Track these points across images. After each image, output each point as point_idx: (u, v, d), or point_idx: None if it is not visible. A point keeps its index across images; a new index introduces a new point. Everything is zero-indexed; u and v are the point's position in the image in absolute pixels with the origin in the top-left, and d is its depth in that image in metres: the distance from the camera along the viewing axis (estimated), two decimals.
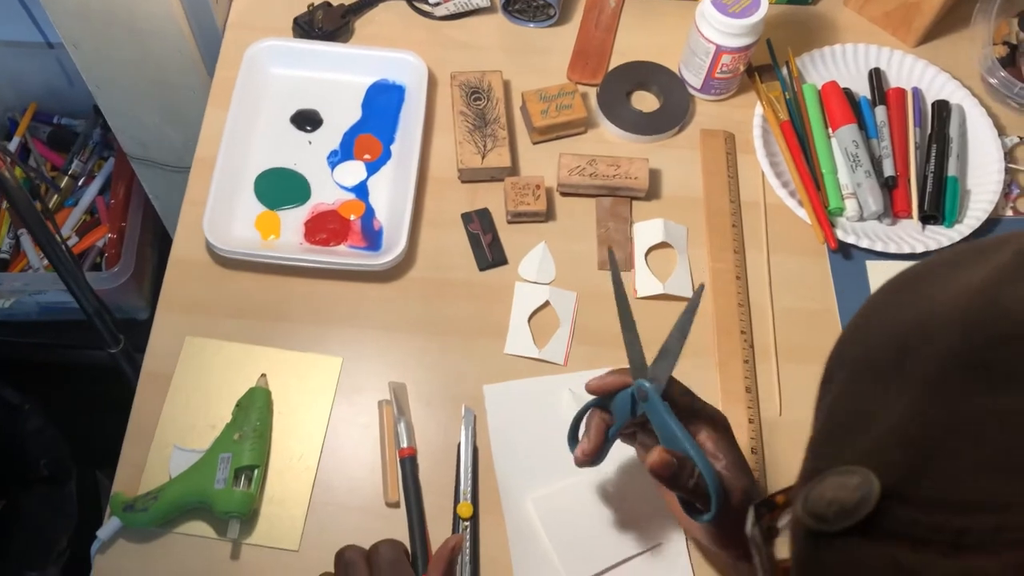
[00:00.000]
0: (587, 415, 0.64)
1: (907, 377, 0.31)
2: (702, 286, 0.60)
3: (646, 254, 0.82)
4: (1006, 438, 0.28)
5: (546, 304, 0.80)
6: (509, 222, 0.83)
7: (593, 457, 0.63)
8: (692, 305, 0.59)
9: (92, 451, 1.24)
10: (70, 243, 1.35)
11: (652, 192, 0.85)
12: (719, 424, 0.61)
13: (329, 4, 0.90)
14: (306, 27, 0.89)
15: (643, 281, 0.81)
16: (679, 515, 0.64)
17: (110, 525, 0.67)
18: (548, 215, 0.84)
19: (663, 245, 0.83)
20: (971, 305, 0.31)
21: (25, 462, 1.24)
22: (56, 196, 1.37)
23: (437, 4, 0.91)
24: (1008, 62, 0.92)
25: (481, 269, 0.81)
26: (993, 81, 0.90)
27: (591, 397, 0.63)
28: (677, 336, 0.59)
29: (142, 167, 1.10)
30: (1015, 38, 0.92)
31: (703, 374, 0.77)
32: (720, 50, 0.84)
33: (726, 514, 0.58)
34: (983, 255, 0.34)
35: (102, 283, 1.26)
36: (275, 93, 0.87)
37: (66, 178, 1.37)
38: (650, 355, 0.60)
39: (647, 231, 0.83)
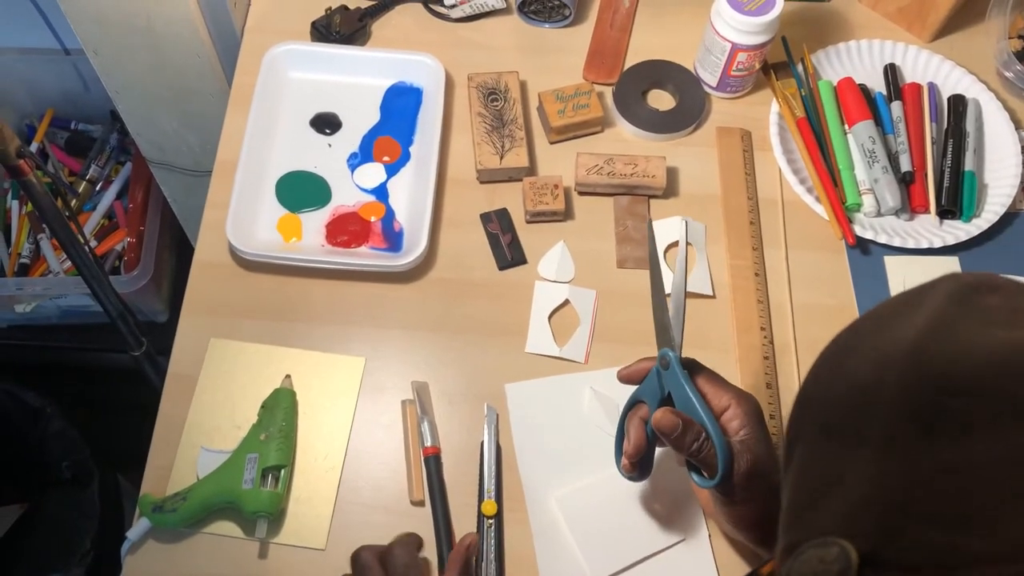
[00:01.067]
0: (627, 419, 0.64)
1: (864, 438, 0.32)
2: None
3: (665, 252, 0.83)
4: (968, 492, 0.28)
5: (566, 303, 0.80)
6: (528, 222, 0.84)
7: (637, 459, 0.63)
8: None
9: (113, 453, 1.25)
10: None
11: (670, 190, 0.86)
12: (747, 400, 0.61)
13: (346, 8, 0.91)
14: (324, 31, 0.90)
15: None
16: (701, 499, 0.65)
17: (139, 526, 0.68)
18: (566, 214, 0.84)
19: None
20: (913, 358, 0.31)
21: (47, 465, 1.25)
22: (74, 201, 1.38)
23: (453, 6, 0.92)
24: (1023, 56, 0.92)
25: (501, 269, 0.82)
26: (1009, 75, 0.90)
27: (611, 395, 0.64)
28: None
29: (161, 171, 1.11)
30: None
31: (724, 370, 0.76)
32: (736, 48, 0.84)
33: (733, 484, 0.58)
34: (919, 301, 0.34)
35: (122, 286, 1.27)
36: (294, 97, 0.88)
37: (84, 183, 1.39)
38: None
39: (666, 229, 0.83)
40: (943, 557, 0.28)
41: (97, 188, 1.40)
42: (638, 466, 0.65)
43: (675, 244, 0.83)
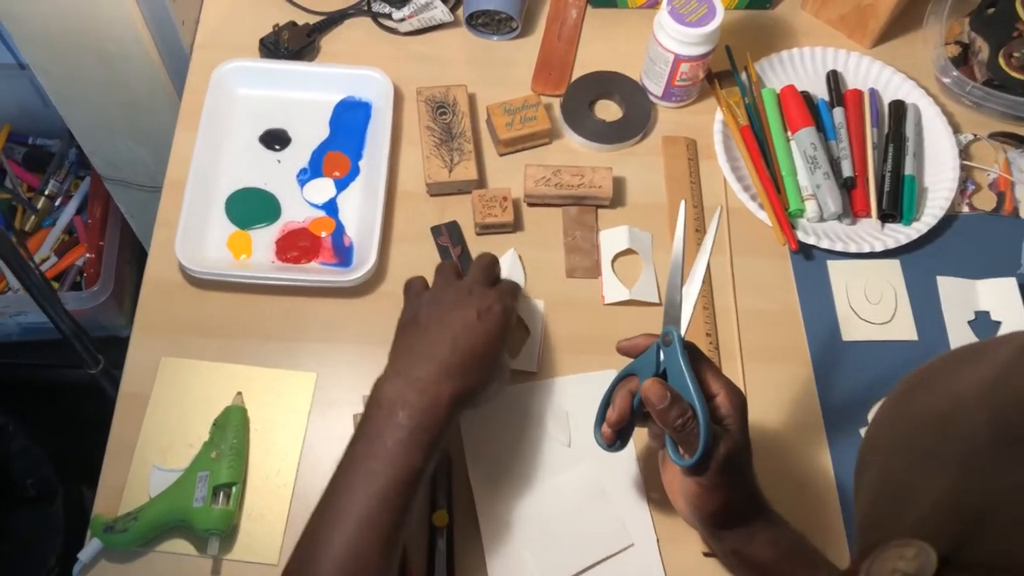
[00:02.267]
0: (616, 389, 0.66)
1: (943, 458, 0.36)
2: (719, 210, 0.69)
3: (612, 261, 0.84)
4: None
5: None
6: (478, 234, 0.85)
7: (618, 428, 0.65)
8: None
9: (77, 469, 1.25)
10: (49, 263, 1.36)
11: (617, 200, 0.87)
12: (737, 394, 0.63)
13: (294, 24, 0.92)
14: (272, 47, 0.90)
15: (610, 287, 0.83)
16: (666, 480, 0.66)
17: (91, 547, 0.69)
18: (516, 226, 0.85)
19: (629, 252, 0.85)
20: (993, 393, 0.37)
21: (11, 482, 1.25)
22: (33, 217, 1.38)
23: (402, 20, 0.93)
24: (961, 61, 0.94)
25: None
26: (946, 80, 0.92)
27: (561, 403, 0.64)
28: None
29: (116, 188, 1.11)
30: (966, 37, 0.95)
31: None
32: (678, 59, 0.85)
33: (708, 466, 0.60)
34: (984, 354, 0.40)
35: (82, 303, 1.27)
36: (243, 113, 0.88)
37: (43, 198, 1.38)
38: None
39: (613, 238, 0.85)
40: (1017, 563, 0.32)
41: (56, 203, 1.40)
42: (617, 435, 0.66)
43: (624, 252, 0.85)
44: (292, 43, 0.90)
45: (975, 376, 0.38)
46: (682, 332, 0.63)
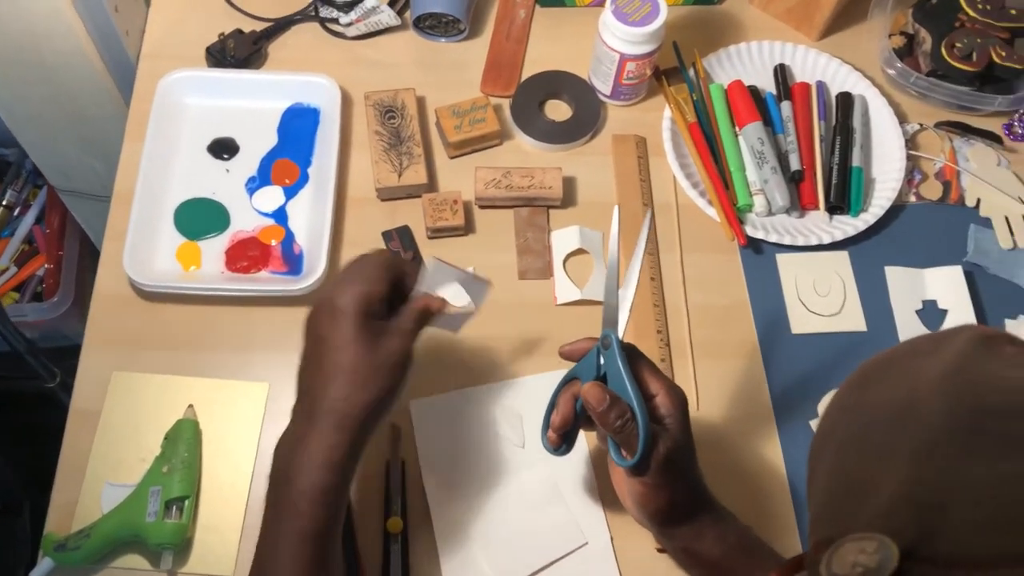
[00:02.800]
0: (560, 393, 0.66)
1: (899, 450, 0.36)
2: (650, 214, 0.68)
3: (564, 261, 0.85)
4: (1008, 499, 0.32)
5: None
6: (430, 238, 0.85)
7: (563, 432, 0.65)
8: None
9: (41, 481, 1.24)
10: (9, 274, 1.35)
11: (568, 199, 0.87)
12: (677, 393, 0.63)
13: (240, 31, 0.91)
14: (218, 56, 0.90)
15: (562, 288, 0.83)
16: (615, 481, 0.67)
17: (42, 566, 0.69)
18: (468, 228, 0.86)
19: (580, 251, 0.85)
20: (948, 384, 0.37)
21: None
22: None
23: (349, 24, 0.93)
24: (906, 52, 0.95)
25: None
26: (891, 72, 0.93)
27: (513, 404, 0.64)
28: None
29: (70, 198, 1.10)
30: (911, 28, 0.95)
31: None
32: (624, 58, 0.86)
33: (650, 465, 0.60)
34: (940, 344, 0.40)
35: (42, 314, 1.26)
36: (190, 123, 0.88)
37: (1, 209, 1.37)
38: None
39: (564, 239, 0.85)
40: (982, 551, 0.32)
41: (15, 213, 1.38)
42: (563, 439, 0.66)
43: (575, 252, 0.85)
44: (239, 51, 0.90)
45: (930, 367, 0.38)
46: (620, 334, 0.63)
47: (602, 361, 0.63)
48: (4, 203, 1.37)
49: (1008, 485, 0.33)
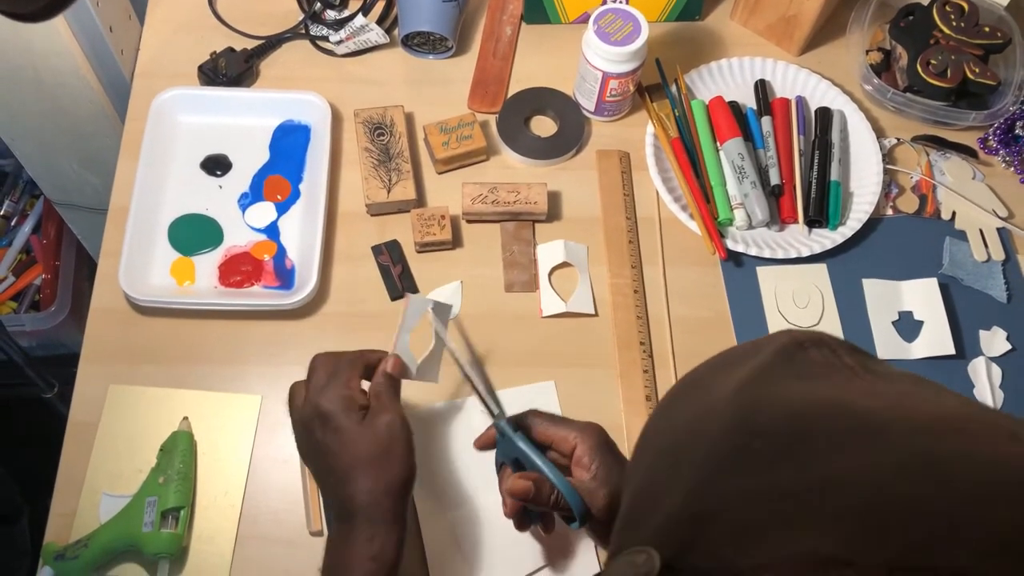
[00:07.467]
0: (500, 486, 0.68)
1: (687, 463, 0.36)
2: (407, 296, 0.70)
3: (549, 274, 0.87)
4: (750, 511, 0.33)
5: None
6: (418, 252, 0.87)
7: (520, 518, 0.68)
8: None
9: (41, 488, 1.26)
10: (7, 283, 1.37)
11: (553, 214, 0.90)
12: (590, 434, 0.65)
13: (232, 49, 0.93)
14: (211, 74, 0.92)
15: (547, 300, 0.85)
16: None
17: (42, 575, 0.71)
18: (455, 243, 0.88)
19: (565, 264, 0.87)
20: (741, 395, 0.37)
21: None
22: None
23: (339, 42, 0.95)
24: (884, 67, 0.97)
25: (393, 299, 0.85)
26: (869, 88, 0.96)
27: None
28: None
29: (67, 211, 1.12)
30: (888, 44, 0.98)
31: (605, 385, 0.82)
32: (607, 76, 0.88)
33: (598, 520, 0.62)
34: (753, 354, 0.39)
35: (40, 323, 1.29)
36: (184, 140, 0.90)
37: None
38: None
39: (549, 252, 0.87)
40: (730, 562, 0.32)
41: (12, 223, 1.40)
42: (525, 521, 0.68)
43: (560, 266, 0.87)
44: (230, 69, 0.92)
45: (734, 376, 0.38)
46: (506, 412, 0.65)
47: (507, 448, 0.65)
48: (2, 213, 1.39)
49: (754, 501, 0.33)
